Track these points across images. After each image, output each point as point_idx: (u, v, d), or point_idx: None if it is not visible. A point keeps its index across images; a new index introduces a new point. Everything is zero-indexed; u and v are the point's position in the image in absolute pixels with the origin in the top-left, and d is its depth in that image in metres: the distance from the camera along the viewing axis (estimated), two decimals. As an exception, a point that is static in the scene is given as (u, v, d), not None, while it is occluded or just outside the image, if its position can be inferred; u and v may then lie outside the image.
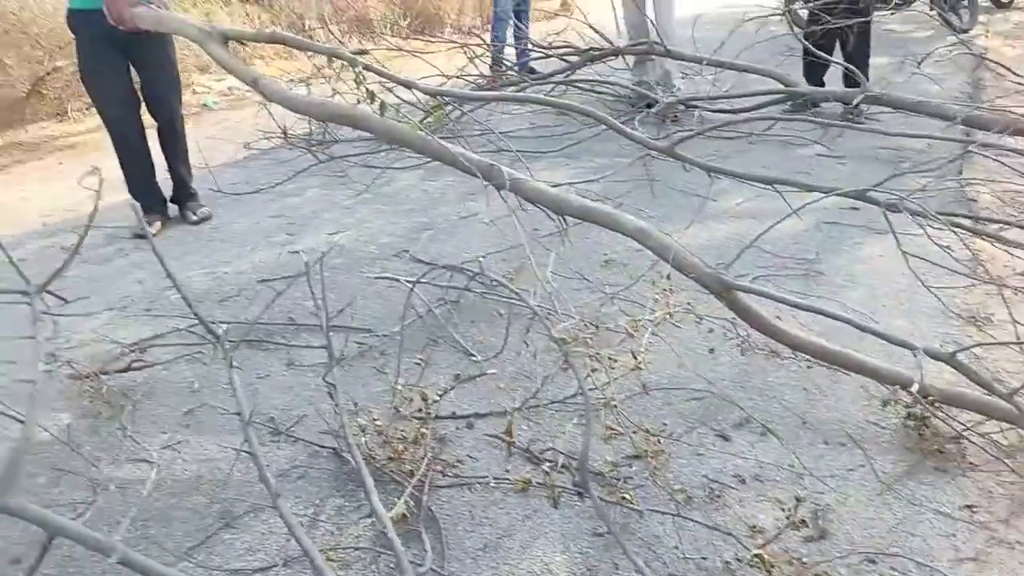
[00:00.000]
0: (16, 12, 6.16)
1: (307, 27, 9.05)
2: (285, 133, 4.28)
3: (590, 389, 1.79)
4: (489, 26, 6.04)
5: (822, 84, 4.51)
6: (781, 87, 4.11)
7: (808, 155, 3.83)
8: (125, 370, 2.23)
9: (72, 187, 4.11)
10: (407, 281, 2.45)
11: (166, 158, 3.55)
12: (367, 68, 2.61)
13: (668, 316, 2.39)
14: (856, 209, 3.19)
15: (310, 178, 4.02)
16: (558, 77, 4.68)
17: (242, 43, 2.93)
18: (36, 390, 1.60)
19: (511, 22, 5.91)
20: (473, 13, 10.25)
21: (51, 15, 6.26)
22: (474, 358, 2.23)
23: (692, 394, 2.10)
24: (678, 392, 2.11)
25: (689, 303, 2.45)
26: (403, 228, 3.31)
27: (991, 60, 4.03)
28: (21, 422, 1.81)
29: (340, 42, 6.12)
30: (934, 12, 6.65)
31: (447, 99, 3.24)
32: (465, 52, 5.31)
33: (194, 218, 3.56)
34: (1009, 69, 3.58)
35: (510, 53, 5.91)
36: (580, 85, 4.61)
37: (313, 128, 4.44)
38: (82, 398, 2.14)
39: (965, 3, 6.67)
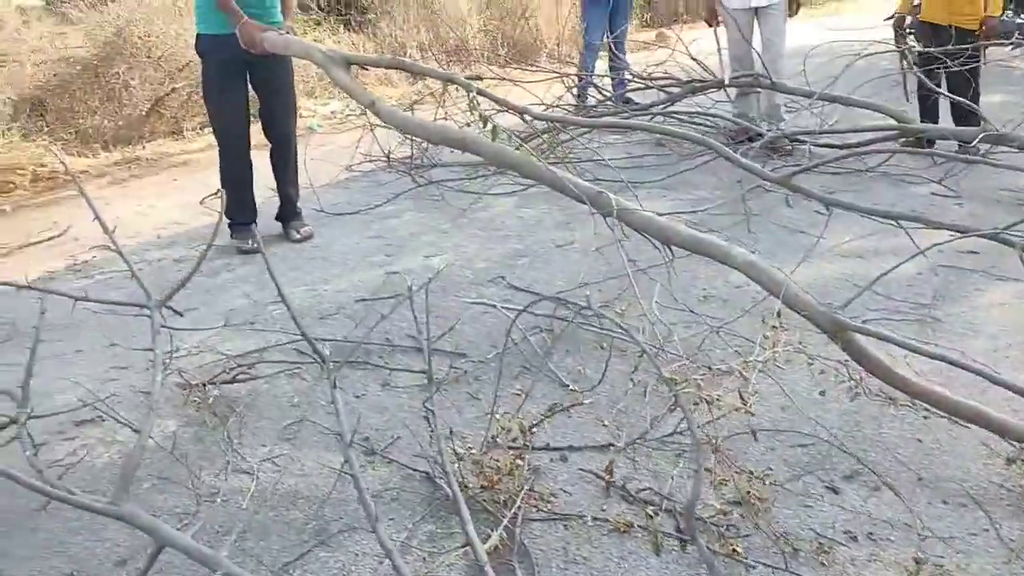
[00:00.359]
0: (142, 37, 6.58)
1: (407, 53, 9.32)
2: (388, 157, 4.39)
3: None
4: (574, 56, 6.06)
5: (936, 121, 4.30)
6: (894, 123, 3.94)
7: (922, 194, 3.64)
8: (230, 382, 2.30)
9: (185, 202, 4.35)
10: (504, 308, 2.45)
11: (276, 177, 3.69)
12: (481, 94, 2.64)
13: (776, 356, 2.29)
14: (975, 252, 3.01)
15: (408, 201, 4.10)
16: (657, 108, 4.64)
17: (364, 68, 3.01)
18: (153, 401, 1.66)
19: (602, 53, 5.92)
20: (570, 42, 10.35)
21: (173, 39, 6.66)
22: (570, 389, 2.20)
23: (800, 439, 2.00)
24: (785, 436, 2.01)
25: (800, 342, 2.35)
26: (498, 254, 3.32)
27: None
28: (135, 431, 1.89)
29: (442, 67, 6.23)
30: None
31: (559, 126, 3.24)
32: (563, 82, 5.35)
33: (297, 236, 3.67)
34: None
35: (604, 83, 5.91)
36: (680, 117, 4.55)
37: (413, 152, 4.54)
38: (188, 407, 2.22)
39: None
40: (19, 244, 4.04)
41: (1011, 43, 6.44)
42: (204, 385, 2.26)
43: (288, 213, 3.75)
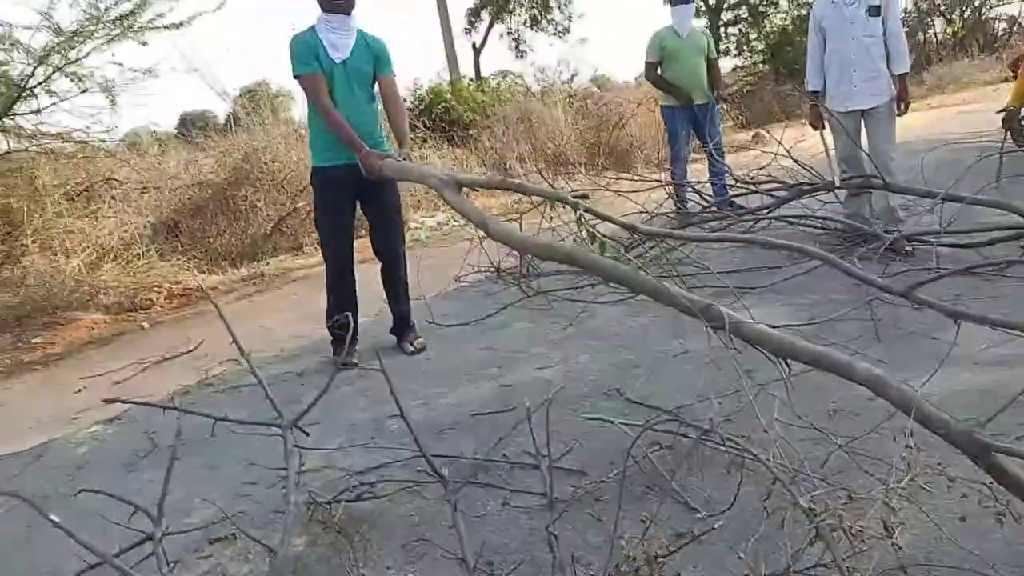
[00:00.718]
0: (268, 163, 7.15)
1: (507, 166, 9.71)
2: (498, 269, 4.51)
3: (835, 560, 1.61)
4: (668, 164, 6.13)
5: None
6: (1021, 220, 3.75)
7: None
8: (354, 500, 2.33)
9: (304, 316, 4.58)
10: (623, 424, 2.41)
11: (388, 294, 3.86)
12: (588, 211, 2.71)
13: (914, 479, 2.14)
14: None
15: (517, 311, 4.17)
16: (763, 212, 4.60)
17: (475, 189, 3.16)
18: (288, 522, 1.70)
19: (696, 157, 5.98)
20: (665, 148, 10.55)
21: (294, 164, 7.21)
22: (698, 515, 2.11)
23: (950, 573, 1.82)
24: (938, 571, 1.84)
25: (939, 462, 2.19)
26: (610, 365, 3.29)
27: None
28: (270, 550, 1.93)
29: (543, 177, 6.45)
30: None
31: (667, 239, 3.26)
32: (664, 189, 5.41)
33: (411, 349, 3.78)
34: None
35: (704, 188, 5.93)
36: (789, 220, 4.49)
37: (521, 261, 4.64)
38: (314, 524, 2.26)
39: None
40: (156, 359, 4.32)
41: None
42: (329, 503, 2.30)
43: (401, 327, 3.88)
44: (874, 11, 4.37)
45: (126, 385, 3.97)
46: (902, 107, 4.46)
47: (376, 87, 3.64)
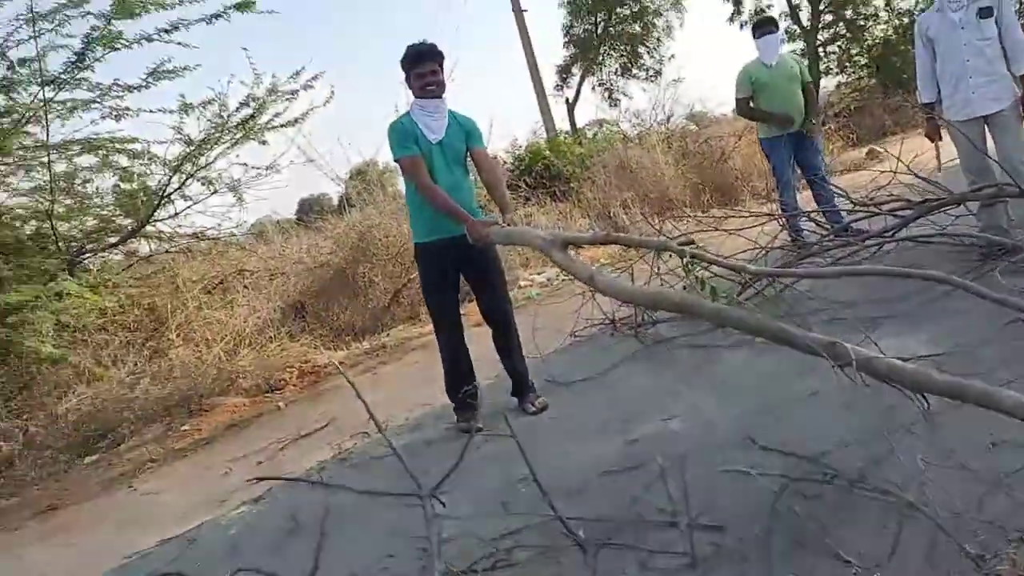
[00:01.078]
0: (382, 239, 7.47)
1: (611, 214, 9.71)
2: (614, 321, 4.47)
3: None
4: (776, 194, 5.91)
5: None
6: None
7: None
8: (491, 568, 2.32)
9: (427, 381, 4.68)
10: (761, 474, 2.30)
11: (501, 355, 3.90)
12: (695, 257, 2.68)
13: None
14: None
15: (636, 362, 4.11)
16: (888, 234, 4.36)
17: (579, 247, 3.19)
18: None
19: (799, 186, 5.77)
20: (770, 179, 10.26)
21: (405, 236, 7.49)
22: (853, 569, 1.96)
23: None
24: None
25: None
26: (739, 411, 3.16)
27: None
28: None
29: (649, 223, 6.40)
30: None
31: (776, 278, 3.15)
32: (778, 221, 5.25)
33: (532, 409, 3.79)
34: None
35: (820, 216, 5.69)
36: (919, 239, 4.23)
37: (635, 311, 4.60)
38: (454, 596, 2.26)
39: None
40: (293, 437, 4.53)
41: None
42: (466, 572, 2.30)
43: (521, 387, 3.90)
44: (986, 12, 4.13)
45: (268, 464, 4.17)
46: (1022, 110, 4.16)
47: (470, 161, 3.81)
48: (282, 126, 7.35)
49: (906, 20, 15.89)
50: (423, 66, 3.59)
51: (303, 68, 7.29)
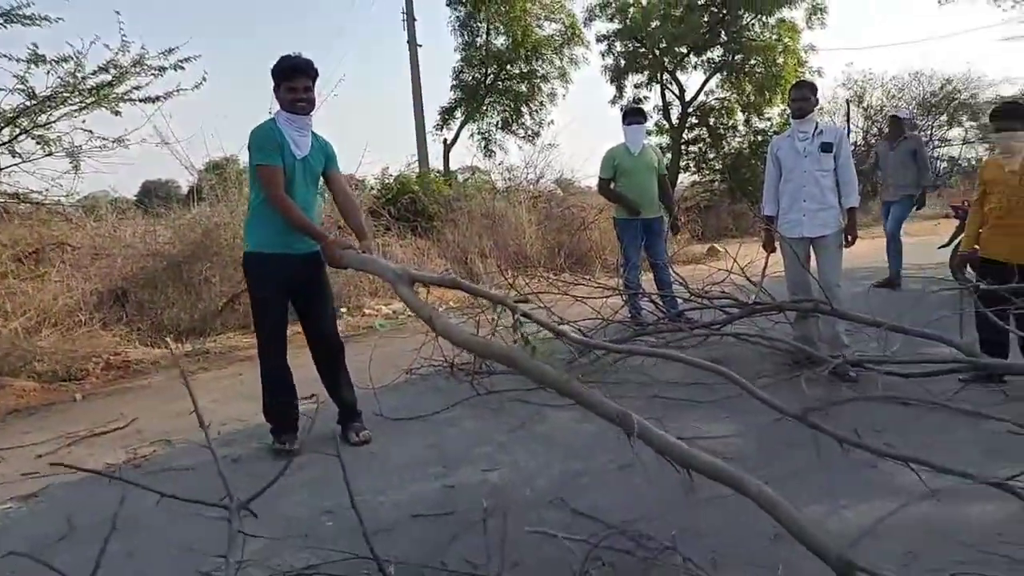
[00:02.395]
0: (228, 239, 7.10)
1: (468, 260, 9.80)
2: (452, 365, 4.47)
3: None
4: (622, 272, 6.24)
5: (1005, 357, 4.21)
6: (962, 356, 3.89)
7: (996, 430, 3.49)
8: (279, 602, 2.20)
9: (247, 397, 4.44)
10: (567, 538, 2.34)
11: (327, 382, 3.76)
12: (525, 316, 2.83)
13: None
14: None
15: (467, 408, 4.12)
16: (715, 327, 4.70)
17: (425, 285, 3.21)
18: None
19: (640, 268, 6.14)
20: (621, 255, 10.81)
21: (255, 242, 7.15)
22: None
23: None
24: None
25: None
26: (558, 472, 3.24)
27: None
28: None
29: (503, 275, 6.51)
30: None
31: (591, 349, 3.32)
32: (621, 296, 5.51)
33: (356, 439, 3.68)
34: None
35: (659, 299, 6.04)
36: (740, 337, 4.58)
37: (474, 359, 4.62)
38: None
39: None
40: (85, 433, 4.12)
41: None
42: (252, 604, 2.16)
43: (348, 415, 3.79)
44: (827, 147, 4.65)
45: (49, 459, 3.75)
46: (849, 239, 4.67)
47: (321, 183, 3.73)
48: (141, 100, 6.88)
49: (759, 138, 17.50)
50: (296, 81, 3.45)
51: (178, 47, 6.91)
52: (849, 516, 2.64)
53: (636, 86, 18.16)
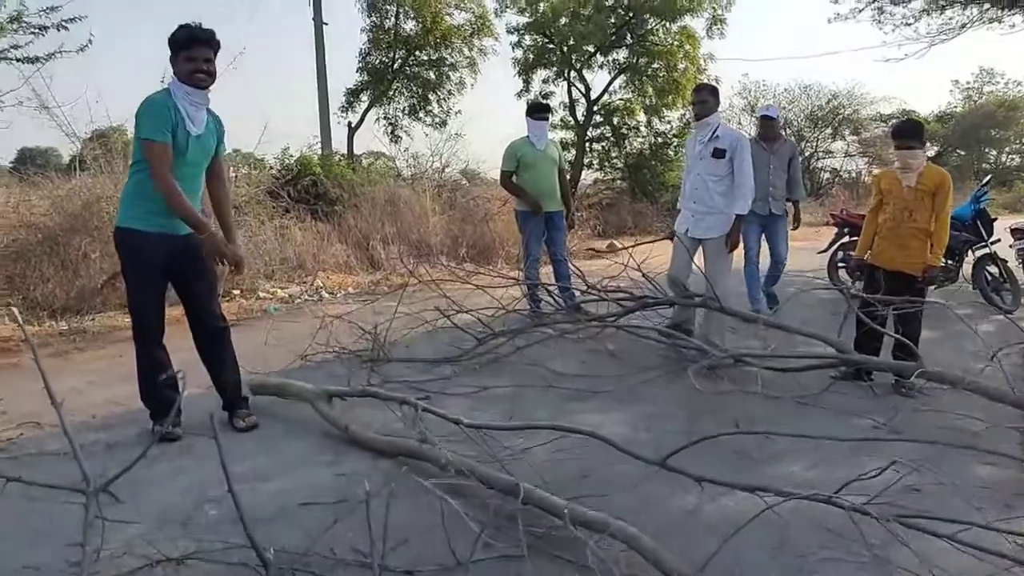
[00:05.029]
0: (111, 213, 6.69)
1: (370, 246, 9.65)
2: (346, 352, 4.39)
3: None
4: (523, 264, 6.32)
5: (876, 355, 4.48)
6: (834, 352, 4.16)
7: (864, 425, 3.76)
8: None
9: (126, 379, 4.22)
10: (468, 515, 2.36)
11: (211, 366, 3.61)
12: (426, 410, 3.24)
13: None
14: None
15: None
16: (610, 320, 4.83)
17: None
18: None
19: (541, 261, 6.25)
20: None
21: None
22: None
23: None
24: None
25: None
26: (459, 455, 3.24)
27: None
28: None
29: (403, 263, 6.44)
30: (976, 290, 6.86)
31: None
32: (520, 288, 5.56)
33: (242, 425, 3.57)
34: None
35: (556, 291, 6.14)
36: (631, 331, 4.74)
37: (372, 345, 4.58)
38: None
39: (1007, 285, 6.88)
40: (-59, 415, 3.81)
41: (938, 285, 7.02)
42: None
43: (235, 400, 3.67)
44: (719, 153, 4.81)
45: None
46: (728, 244, 4.87)
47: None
48: (18, 60, 6.38)
49: (659, 140, 18.04)
50: (196, 51, 3.25)
51: (60, 6, 6.44)
52: (729, 504, 2.77)
53: (544, 81, 18.33)
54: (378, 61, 16.19)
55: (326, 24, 15.16)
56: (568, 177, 6.82)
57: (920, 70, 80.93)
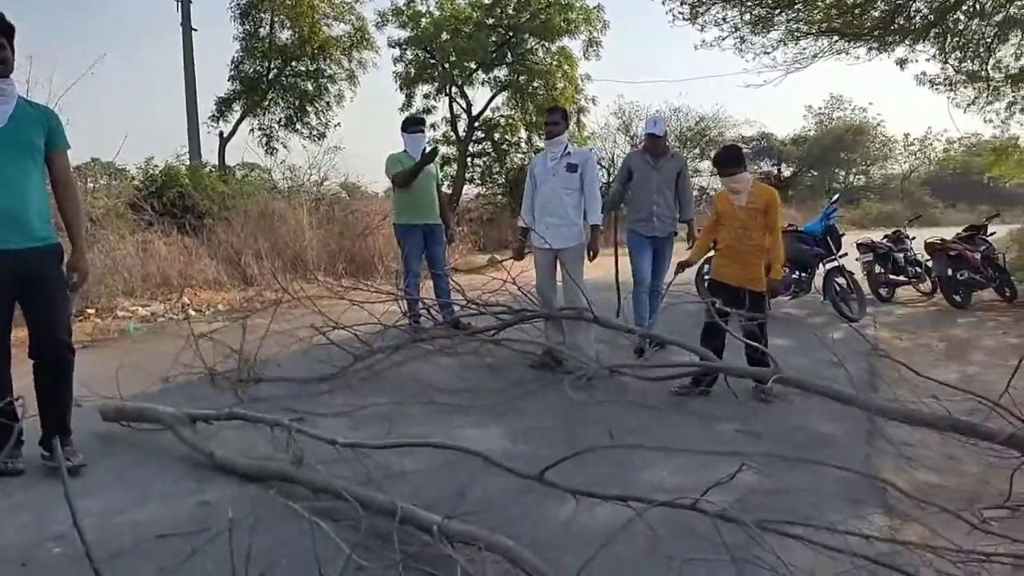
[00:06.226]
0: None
1: (243, 261, 9.27)
2: (212, 372, 4.18)
3: None
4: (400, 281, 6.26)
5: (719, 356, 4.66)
6: (698, 360, 4.35)
7: (728, 430, 3.95)
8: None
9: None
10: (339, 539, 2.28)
11: (41, 395, 3.17)
12: (300, 431, 3.14)
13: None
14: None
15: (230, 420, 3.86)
16: (487, 335, 4.86)
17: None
18: None
19: (420, 276, 6.23)
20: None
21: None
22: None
23: None
24: None
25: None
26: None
27: (883, 351, 4.42)
28: None
29: (276, 279, 6.22)
30: (827, 302, 7.39)
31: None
32: (398, 304, 5.50)
33: (69, 464, 3.07)
34: (902, 363, 3.92)
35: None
36: (506, 344, 4.78)
37: (239, 365, 4.38)
38: None
39: (854, 295, 7.46)
40: None
41: (788, 295, 7.52)
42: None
43: (53, 436, 3.07)
44: (572, 168, 5.15)
45: None
46: (591, 254, 5.15)
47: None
48: None
49: (540, 157, 18.46)
50: None
51: None
52: (603, 513, 2.82)
53: (425, 96, 18.34)
54: (252, 70, 15.65)
55: (195, 31, 14.54)
56: (450, 191, 6.84)
57: (778, 96, 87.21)
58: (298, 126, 16.19)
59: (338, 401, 4.21)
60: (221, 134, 15.76)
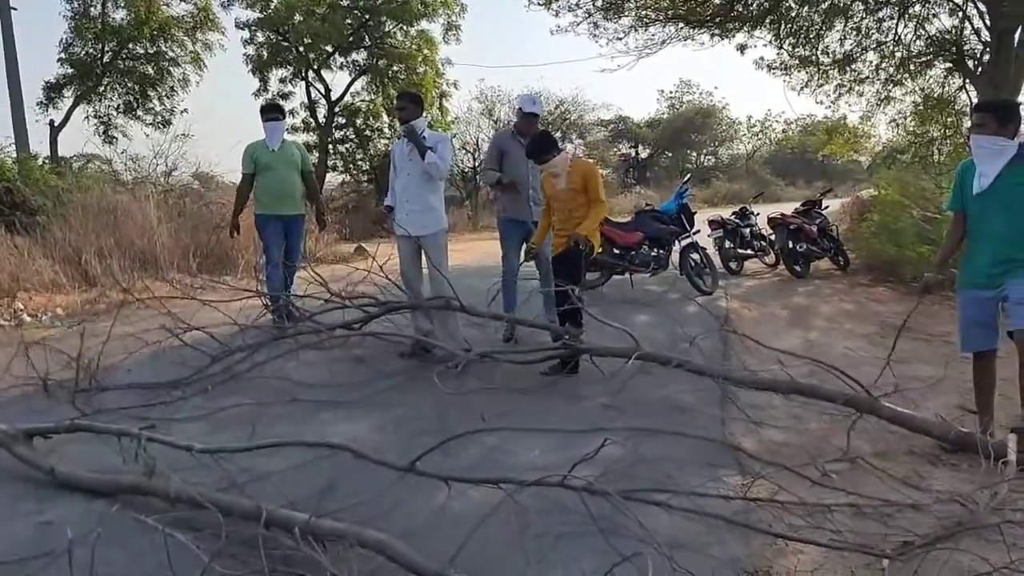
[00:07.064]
0: None
1: (84, 260, 8.57)
2: (45, 383, 3.84)
3: None
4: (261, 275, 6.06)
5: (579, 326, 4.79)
6: (564, 342, 4.46)
7: (595, 407, 4.07)
8: None
9: None
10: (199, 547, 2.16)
11: None
12: (151, 439, 2.99)
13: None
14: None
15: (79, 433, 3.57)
16: (356, 328, 4.76)
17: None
18: None
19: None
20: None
21: None
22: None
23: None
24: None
25: None
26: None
27: (731, 326, 4.71)
28: None
29: (117, 280, 5.80)
30: (683, 276, 7.78)
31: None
32: (260, 300, 5.28)
33: None
34: (747, 336, 4.21)
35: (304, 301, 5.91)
36: (378, 336, 4.71)
37: (78, 374, 4.05)
38: None
39: (708, 270, 7.91)
40: None
41: (649, 271, 7.85)
42: None
43: None
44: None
45: None
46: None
47: None
48: None
49: (404, 141, 18.20)
50: None
51: None
52: (476, 497, 2.84)
53: (281, 80, 17.64)
54: (84, 53, 14.45)
55: (15, 9, 13.21)
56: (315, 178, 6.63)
57: (633, 80, 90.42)
58: (139, 112, 15.16)
59: (195, 405, 3.99)
60: (52, 122, 14.49)
